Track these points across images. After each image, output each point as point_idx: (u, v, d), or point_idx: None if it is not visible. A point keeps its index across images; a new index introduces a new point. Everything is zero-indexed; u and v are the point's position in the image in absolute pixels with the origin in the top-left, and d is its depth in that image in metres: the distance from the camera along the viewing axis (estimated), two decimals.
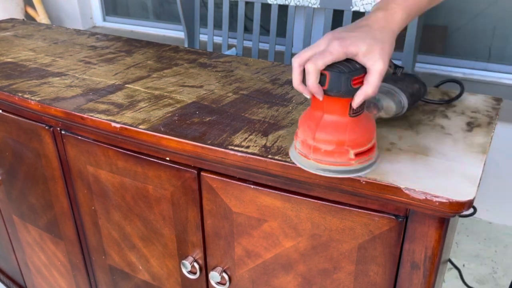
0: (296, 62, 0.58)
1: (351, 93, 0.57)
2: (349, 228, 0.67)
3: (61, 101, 0.88)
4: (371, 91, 0.56)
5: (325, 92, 0.57)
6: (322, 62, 0.55)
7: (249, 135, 0.73)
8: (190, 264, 0.85)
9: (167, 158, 0.79)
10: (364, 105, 0.60)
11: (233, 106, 0.84)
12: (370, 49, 0.55)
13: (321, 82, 0.56)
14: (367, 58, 0.55)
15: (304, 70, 0.57)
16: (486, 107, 0.82)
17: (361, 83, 0.56)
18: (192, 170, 0.77)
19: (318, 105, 0.60)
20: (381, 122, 0.77)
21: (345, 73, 0.55)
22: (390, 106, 0.70)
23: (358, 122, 0.60)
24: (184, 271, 0.87)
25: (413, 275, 0.66)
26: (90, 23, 2.88)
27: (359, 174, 0.61)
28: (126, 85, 0.95)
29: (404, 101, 0.72)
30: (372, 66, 0.55)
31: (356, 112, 0.59)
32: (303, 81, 0.58)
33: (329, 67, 0.55)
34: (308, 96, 0.59)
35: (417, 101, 0.79)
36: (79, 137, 0.89)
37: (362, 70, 0.56)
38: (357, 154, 0.60)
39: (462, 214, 0.59)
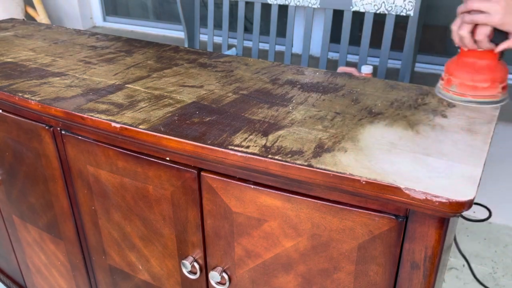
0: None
1: (504, 41, 0.78)
2: (349, 228, 0.67)
3: (61, 101, 0.88)
4: None
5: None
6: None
7: (249, 135, 0.73)
8: (190, 264, 0.85)
9: (167, 158, 0.79)
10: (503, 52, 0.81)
11: (233, 106, 0.84)
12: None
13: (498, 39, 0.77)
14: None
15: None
16: (486, 107, 0.82)
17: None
18: (192, 170, 0.77)
19: (472, 53, 0.80)
20: (381, 122, 0.77)
21: (501, 32, 0.77)
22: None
23: (502, 64, 0.81)
24: (184, 271, 0.87)
25: (413, 275, 0.66)
26: (90, 23, 2.88)
27: (504, 102, 0.82)
28: (126, 85, 0.95)
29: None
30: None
31: (500, 57, 0.80)
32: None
33: None
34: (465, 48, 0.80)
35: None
36: (79, 137, 0.89)
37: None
38: (503, 87, 0.82)
39: (481, 219, 0.62)
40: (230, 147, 0.70)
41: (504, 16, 0.75)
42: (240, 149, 0.69)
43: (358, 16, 1.79)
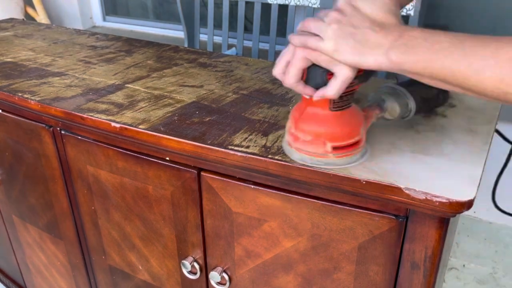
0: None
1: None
2: (349, 228, 0.67)
3: (61, 101, 0.88)
4: (333, 93, 0.57)
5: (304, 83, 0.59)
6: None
7: (249, 135, 0.73)
8: (190, 264, 0.85)
9: (167, 158, 0.79)
10: (349, 101, 0.62)
11: (233, 106, 0.84)
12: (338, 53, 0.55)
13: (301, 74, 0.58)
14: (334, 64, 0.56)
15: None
16: (486, 107, 0.82)
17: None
18: (192, 170, 0.76)
19: (304, 98, 0.63)
20: (382, 122, 0.76)
21: (321, 68, 0.57)
22: (394, 108, 0.69)
23: (339, 117, 0.61)
24: (184, 271, 0.87)
25: (413, 275, 0.66)
26: (90, 23, 2.88)
27: (337, 167, 0.62)
28: (126, 85, 0.95)
29: (412, 104, 0.70)
30: (339, 72, 0.56)
31: (338, 107, 0.61)
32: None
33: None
34: (308, 95, 0.61)
35: (434, 107, 0.78)
36: (79, 137, 0.89)
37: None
38: (335, 148, 0.62)
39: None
40: (230, 147, 0.70)
41: (339, 40, 0.54)
42: (240, 149, 0.69)
43: None
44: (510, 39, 0.48)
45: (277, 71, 0.60)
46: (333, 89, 0.57)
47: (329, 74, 0.57)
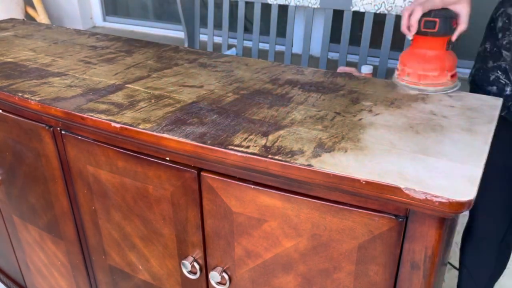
0: (405, 11, 0.84)
1: (452, 32, 0.84)
2: (349, 228, 0.67)
3: (61, 101, 0.88)
4: (465, 27, 0.83)
5: (434, 34, 0.84)
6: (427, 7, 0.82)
7: (249, 135, 0.73)
8: (190, 264, 0.85)
9: (167, 158, 0.79)
10: (451, 43, 0.86)
11: (233, 106, 0.84)
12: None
13: (431, 26, 0.83)
14: (459, 6, 0.83)
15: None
16: (485, 107, 0.82)
17: (457, 23, 0.84)
18: (192, 170, 0.77)
19: (423, 45, 0.86)
20: (382, 122, 0.77)
21: (449, 18, 0.83)
22: None
23: (450, 54, 0.87)
24: (184, 271, 0.87)
25: (413, 275, 0.66)
26: (90, 23, 2.88)
27: (455, 89, 0.87)
28: (126, 85, 0.95)
29: None
30: (462, 11, 0.83)
31: (449, 47, 0.86)
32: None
33: (436, 15, 0.82)
34: (411, 37, 0.86)
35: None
36: (79, 137, 0.89)
37: (456, 15, 0.84)
38: (452, 76, 0.87)
39: None
40: (230, 147, 0.70)
41: None
42: (240, 149, 0.69)
43: (358, 16, 1.79)
44: None
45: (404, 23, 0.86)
46: (464, 26, 0.84)
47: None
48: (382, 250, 0.66)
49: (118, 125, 0.78)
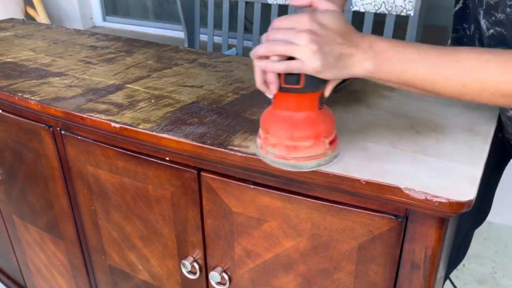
0: (257, 61, 0.59)
1: (324, 84, 0.60)
2: (349, 228, 0.67)
3: (61, 101, 0.88)
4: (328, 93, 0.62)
5: (300, 90, 0.59)
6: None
7: (249, 135, 0.73)
8: (190, 264, 0.85)
9: (167, 158, 0.79)
10: (323, 98, 0.63)
11: (233, 106, 0.84)
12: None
13: (293, 81, 0.58)
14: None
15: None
16: (486, 107, 0.82)
17: None
18: (192, 170, 0.76)
19: (287, 105, 0.61)
20: (382, 122, 0.77)
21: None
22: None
23: (325, 113, 0.63)
24: (184, 271, 0.87)
25: (413, 275, 0.66)
26: (90, 23, 2.88)
27: (335, 160, 0.65)
28: (126, 85, 0.95)
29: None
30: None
31: (321, 104, 0.62)
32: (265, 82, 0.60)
33: None
34: (270, 96, 0.61)
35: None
36: (79, 137, 0.89)
37: None
38: (330, 142, 0.63)
39: None
40: (230, 147, 0.70)
41: (322, 59, 0.56)
42: (240, 149, 0.69)
43: (358, 16, 1.79)
44: (466, 50, 0.58)
45: (259, 83, 0.60)
46: (329, 89, 0.62)
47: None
48: (382, 250, 0.66)
49: (118, 125, 0.78)
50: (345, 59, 0.57)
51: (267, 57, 0.58)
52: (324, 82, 0.60)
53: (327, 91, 0.62)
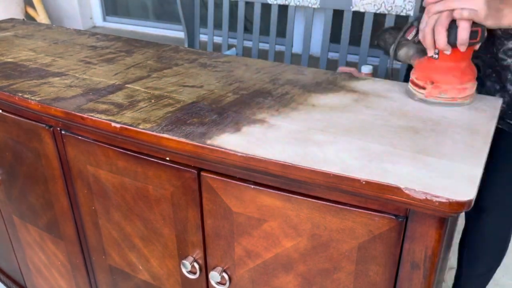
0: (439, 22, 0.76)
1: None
2: (349, 228, 0.67)
3: (61, 101, 0.88)
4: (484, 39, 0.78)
5: (474, 44, 0.78)
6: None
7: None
8: (190, 264, 0.85)
9: (167, 158, 0.79)
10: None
11: (233, 106, 0.84)
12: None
13: (474, 36, 0.76)
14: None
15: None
16: (486, 107, 0.82)
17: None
18: (192, 170, 0.77)
19: (457, 57, 0.79)
20: (382, 122, 0.77)
21: (483, 27, 0.76)
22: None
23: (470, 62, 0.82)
24: (184, 271, 0.87)
25: (413, 275, 0.66)
26: (90, 23, 2.88)
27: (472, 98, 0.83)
28: (126, 85, 0.95)
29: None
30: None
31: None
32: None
33: (475, 24, 0.75)
34: (448, 52, 0.78)
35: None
36: (79, 137, 0.89)
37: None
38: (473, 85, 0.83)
39: None
40: (230, 147, 0.70)
41: (487, 9, 0.73)
42: (240, 149, 0.69)
43: (358, 16, 1.79)
44: None
45: (429, 38, 0.78)
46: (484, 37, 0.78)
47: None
48: (382, 250, 0.66)
49: (118, 125, 0.78)
50: (500, 12, 0.75)
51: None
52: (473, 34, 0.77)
53: (478, 46, 0.79)
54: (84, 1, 2.81)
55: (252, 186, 0.72)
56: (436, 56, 0.80)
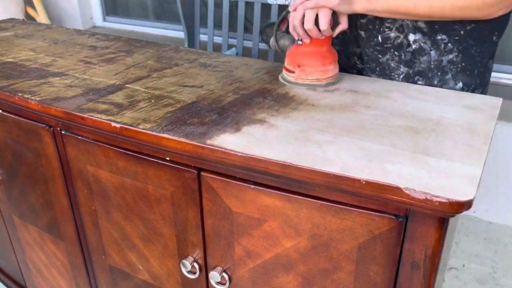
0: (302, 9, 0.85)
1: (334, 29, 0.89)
2: (349, 228, 0.67)
3: (61, 101, 0.88)
4: (346, 26, 0.89)
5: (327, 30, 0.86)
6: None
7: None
8: (190, 264, 0.85)
9: (167, 158, 0.79)
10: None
11: (233, 106, 0.84)
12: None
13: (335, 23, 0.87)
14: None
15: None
16: (485, 107, 0.82)
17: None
18: (192, 170, 0.77)
19: (317, 43, 0.89)
20: (382, 123, 0.77)
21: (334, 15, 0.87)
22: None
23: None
24: (184, 271, 0.87)
25: (413, 275, 0.66)
26: (90, 23, 2.88)
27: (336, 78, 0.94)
28: (126, 85, 0.95)
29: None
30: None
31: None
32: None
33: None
34: (307, 40, 0.88)
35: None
36: (79, 137, 0.89)
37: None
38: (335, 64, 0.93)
39: None
40: (230, 147, 0.70)
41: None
42: (240, 149, 0.69)
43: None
44: None
45: (297, 21, 0.86)
46: (346, 25, 0.88)
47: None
48: (382, 250, 0.66)
49: (118, 125, 0.78)
50: None
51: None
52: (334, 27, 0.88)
53: (335, 33, 0.89)
54: (84, 1, 2.80)
55: (252, 186, 0.72)
56: (300, 42, 0.90)
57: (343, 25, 0.87)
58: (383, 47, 0.95)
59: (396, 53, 0.95)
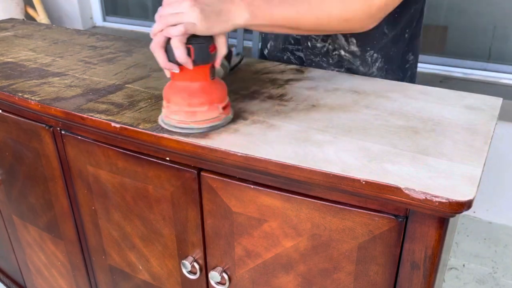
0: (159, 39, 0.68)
1: (212, 59, 0.71)
2: (349, 228, 0.67)
3: (61, 101, 0.88)
4: (225, 50, 0.71)
5: (199, 62, 0.69)
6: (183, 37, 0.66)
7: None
8: (190, 264, 0.85)
9: (167, 158, 0.79)
10: (214, 70, 0.74)
11: (233, 106, 0.84)
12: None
13: (189, 54, 0.68)
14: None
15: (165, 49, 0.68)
16: (485, 107, 0.82)
17: (215, 48, 0.70)
18: (192, 170, 0.77)
19: (184, 77, 0.71)
20: (382, 123, 0.77)
21: (205, 44, 0.68)
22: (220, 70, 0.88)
23: (217, 83, 0.75)
24: (184, 271, 0.87)
25: (413, 275, 0.66)
26: (90, 23, 2.88)
27: (227, 122, 0.76)
28: (126, 85, 0.95)
29: (227, 64, 0.95)
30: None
31: (213, 76, 0.73)
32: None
33: (188, 41, 0.67)
34: (176, 70, 0.70)
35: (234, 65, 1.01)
36: (79, 137, 0.89)
37: (213, 39, 0.70)
38: (223, 107, 0.75)
39: None
40: (230, 147, 0.70)
41: (205, 18, 0.66)
42: (240, 149, 0.69)
43: None
44: None
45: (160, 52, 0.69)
46: (224, 49, 0.71)
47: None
48: (382, 250, 0.66)
49: (118, 125, 0.78)
50: (225, 13, 0.68)
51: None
52: (213, 56, 0.70)
53: (217, 63, 0.72)
54: (84, 1, 2.80)
55: (252, 186, 0.72)
56: (168, 74, 0.73)
57: (221, 49, 0.71)
58: (313, 51, 1.00)
59: (324, 59, 1.00)
